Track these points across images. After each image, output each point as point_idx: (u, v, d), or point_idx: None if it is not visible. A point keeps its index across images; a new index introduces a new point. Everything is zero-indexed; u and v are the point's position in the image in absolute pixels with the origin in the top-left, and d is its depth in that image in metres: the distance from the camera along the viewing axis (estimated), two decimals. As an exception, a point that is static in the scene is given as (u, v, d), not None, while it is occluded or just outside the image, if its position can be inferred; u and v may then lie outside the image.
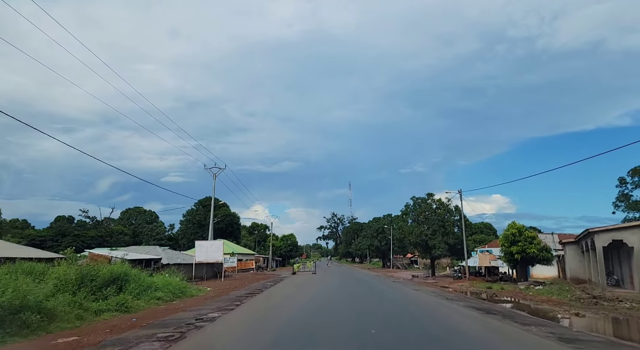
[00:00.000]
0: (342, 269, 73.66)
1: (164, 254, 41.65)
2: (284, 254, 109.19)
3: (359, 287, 28.23)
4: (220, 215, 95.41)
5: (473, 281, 39.10)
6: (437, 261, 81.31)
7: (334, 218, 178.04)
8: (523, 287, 31.86)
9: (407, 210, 54.19)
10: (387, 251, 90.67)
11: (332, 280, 34.65)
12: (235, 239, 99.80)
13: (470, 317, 13.82)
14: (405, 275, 56.69)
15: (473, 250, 51.65)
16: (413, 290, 25.74)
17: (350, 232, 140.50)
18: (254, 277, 45.17)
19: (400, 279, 42.39)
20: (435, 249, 49.04)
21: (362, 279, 39.92)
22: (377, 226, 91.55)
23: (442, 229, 50.00)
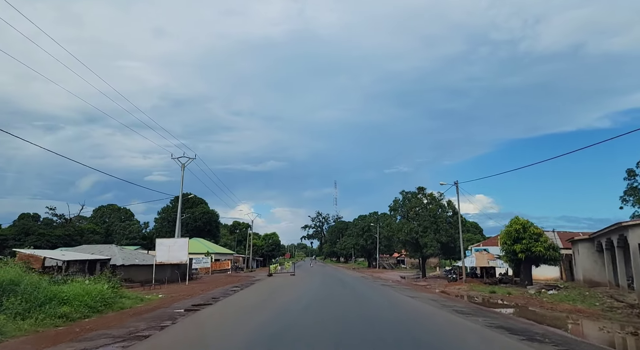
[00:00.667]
0: (325, 269, 68.53)
1: (121, 253, 35.83)
2: (265, 254, 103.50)
3: (343, 293, 23.09)
4: (198, 212, 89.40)
5: (471, 284, 34.36)
6: (426, 261, 76.86)
7: (318, 217, 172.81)
8: (533, 291, 27.09)
9: (395, 205, 49.35)
10: (373, 250, 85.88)
11: (311, 284, 29.41)
12: (214, 237, 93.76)
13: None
14: (393, 276, 51.75)
15: (467, 250, 47.06)
16: (410, 298, 20.67)
17: (335, 231, 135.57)
18: (225, 279, 39.67)
19: (389, 281, 37.48)
20: (427, 247, 44.26)
21: (347, 281, 34.87)
22: (362, 224, 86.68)
23: (434, 225, 45.27)
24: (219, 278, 41.93)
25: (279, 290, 24.86)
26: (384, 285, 30.84)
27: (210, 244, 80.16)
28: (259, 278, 38.48)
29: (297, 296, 20.76)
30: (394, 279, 45.64)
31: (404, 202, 48.98)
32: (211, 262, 59.44)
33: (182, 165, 43.36)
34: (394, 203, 49.50)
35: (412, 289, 28.06)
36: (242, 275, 45.21)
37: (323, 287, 27.91)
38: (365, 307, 16.29)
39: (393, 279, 44.05)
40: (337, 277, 40.53)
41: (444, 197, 47.95)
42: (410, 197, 48.41)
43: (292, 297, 20.62)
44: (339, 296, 21.10)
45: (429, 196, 48.01)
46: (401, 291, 24.98)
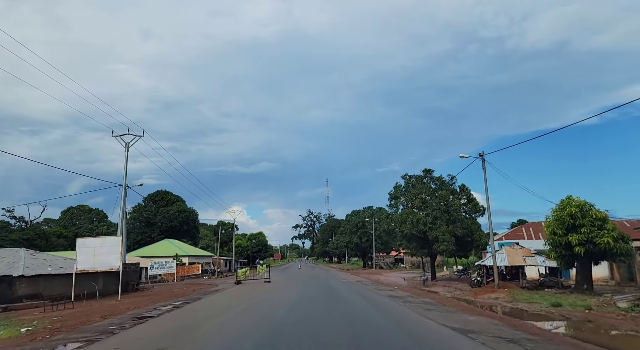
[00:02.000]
0: (314, 271, 58.48)
1: (30, 260, 25.48)
2: (251, 255, 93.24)
3: (331, 316, 13.25)
4: (173, 211, 78.93)
5: (507, 289, 24.66)
6: (427, 259, 67.18)
7: (310, 216, 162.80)
8: (626, 304, 17.40)
9: (397, 192, 39.50)
10: (368, 248, 75.95)
11: (284, 300, 19.34)
12: (192, 238, 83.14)
13: None
14: (395, 279, 41.85)
15: (487, 244, 37.34)
16: (451, 331, 10.80)
17: (327, 229, 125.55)
18: (179, 289, 29.45)
19: (394, 287, 27.67)
20: (439, 242, 34.46)
21: (338, 290, 24.92)
22: (356, 220, 76.79)
23: (445, 215, 35.58)
24: (173, 288, 31.69)
25: (225, 313, 14.78)
26: (393, 296, 20.83)
27: (186, 245, 69.83)
28: (222, 287, 28.28)
29: (245, 330, 10.84)
30: (398, 283, 35.77)
31: (407, 189, 39.22)
32: (178, 267, 49.29)
33: (126, 145, 33.14)
34: (395, 190, 39.71)
35: (437, 302, 18.07)
36: (206, 283, 34.96)
37: (302, 300, 17.96)
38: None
39: (397, 284, 34.15)
40: (326, 283, 30.39)
41: (456, 181, 38.31)
42: (415, 182, 38.66)
43: (233, 332, 10.65)
44: (325, 318, 11.17)
45: (438, 180, 38.31)
46: (427, 310, 15.05)
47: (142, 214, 76.39)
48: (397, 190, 39.66)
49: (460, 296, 22.96)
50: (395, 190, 39.77)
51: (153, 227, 76.85)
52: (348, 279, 37.86)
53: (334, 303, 17.38)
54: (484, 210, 36.67)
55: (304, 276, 40.51)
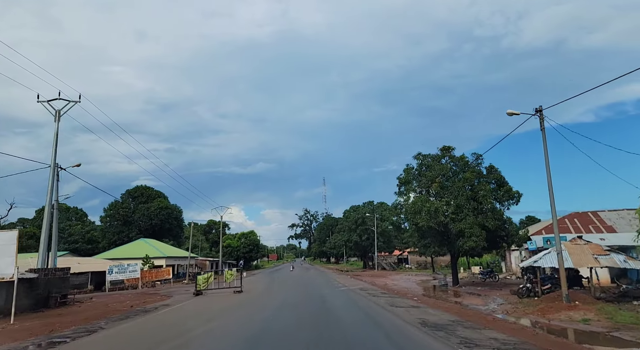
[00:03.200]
0: (309, 274, 50.00)
1: None
2: (242, 256, 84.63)
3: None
4: (154, 208, 70.33)
5: (584, 303, 16.45)
6: (435, 259, 58.92)
7: (306, 215, 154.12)
8: None
9: (407, 176, 31.16)
10: (369, 248, 67.51)
11: (246, 327, 11.05)
12: (176, 238, 74.56)
13: None
14: (405, 283, 33.48)
15: (525, 239, 28.96)
16: None
17: (324, 228, 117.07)
18: (117, 304, 20.98)
19: (412, 297, 19.29)
20: (465, 237, 26.18)
21: (336, 305, 16.45)
22: (355, 216, 68.34)
23: (472, 203, 27.36)
24: (115, 300, 23.12)
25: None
26: (431, 326, 12.37)
27: (165, 246, 61.21)
28: (171, 302, 19.71)
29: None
30: (412, 289, 27.36)
31: (421, 171, 30.92)
32: (145, 271, 40.84)
33: (57, 113, 24.75)
34: (406, 173, 31.37)
35: (526, 341, 9.68)
36: (163, 293, 26.30)
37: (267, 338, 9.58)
38: None
39: (412, 291, 25.73)
40: (319, 296, 20.98)
41: (482, 161, 30.02)
42: (431, 163, 30.38)
43: None
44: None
45: (460, 160, 30.02)
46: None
47: (118, 211, 67.78)
48: (408, 173, 31.26)
49: (520, 313, 14.69)
50: (406, 173, 31.36)
51: (131, 226, 68.22)
52: (348, 284, 29.44)
53: (331, 333, 9.09)
54: (519, 198, 28.38)
55: (293, 282, 32.05)
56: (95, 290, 37.24)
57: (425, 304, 17.13)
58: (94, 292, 35.67)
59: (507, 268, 40.78)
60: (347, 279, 36.70)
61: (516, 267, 38.61)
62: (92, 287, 37.61)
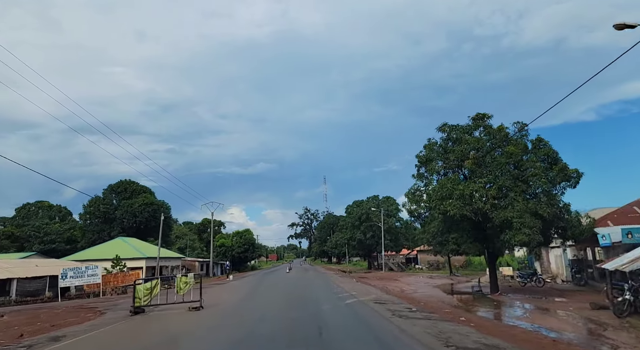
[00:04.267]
0: (307, 276, 42.74)
1: None
2: (237, 256, 77.44)
3: None
4: (138, 204, 63.23)
5: None
6: (449, 258, 51.72)
7: (307, 213, 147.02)
8: None
9: (430, 153, 23.94)
10: (374, 246, 60.31)
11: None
12: (163, 237, 67.45)
13: None
14: (425, 289, 26.26)
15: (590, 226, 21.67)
16: None
17: (325, 227, 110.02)
18: (6, 332, 13.96)
19: (458, 318, 12.29)
20: (513, 229, 19.11)
21: (339, 335, 9.76)
22: (359, 212, 61.15)
23: (520, 186, 20.34)
24: (19, 321, 16.01)
25: None
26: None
27: (147, 245, 54.20)
28: (78, 331, 12.51)
29: None
30: (442, 299, 20.23)
31: (447, 147, 23.77)
32: (109, 275, 33.84)
33: None
34: (427, 150, 24.02)
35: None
36: (97, 309, 18.94)
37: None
38: None
39: (441, 301, 18.59)
40: (315, 314, 13.72)
41: (527, 132, 22.86)
42: (461, 135, 23.25)
43: None
44: None
45: (499, 131, 22.89)
46: None
47: (98, 208, 60.73)
48: (430, 149, 23.97)
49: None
50: (428, 150, 24.08)
51: (113, 224, 61.14)
52: (355, 292, 22.18)
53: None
54: (578, 179, 21.24)
55: (284, 289, 24.73)
56: (59, 297, 30.71)
57: (492, 333, 9.97)
58: (54, 300, 29.13)
59: (544, 269, 33.59)
60: (353, 284, 29.51)
61: (557, 268, 31.43)
62: (50, 294, 30.68)
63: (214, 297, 20.56)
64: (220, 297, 20.73)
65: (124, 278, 32.50)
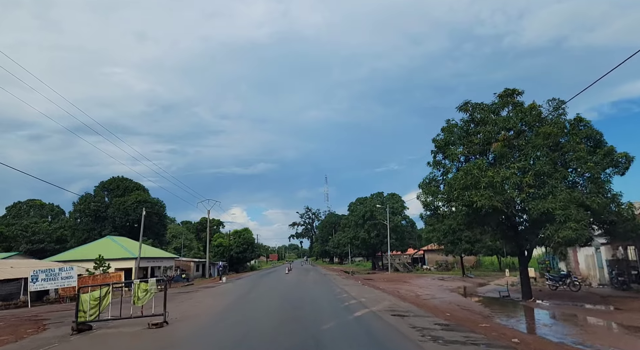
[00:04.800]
0: (307, 278, 39.16)
1: None
2: (235, 256, 73.99)
3: None
4: (130, 202, 59.85)
5: None
6: (461, 258, 48.11)
7: (308, 213, 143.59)
8: None
9: (449, 136, 20.29)
10: (378, 245, 56.74)
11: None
12: (157, 237, 64.04)
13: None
14: (443, 294, 22.54)
15: None
16: None
17: (326, 226, 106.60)
18: None
19: (510, 339, 9.08)
20: (556, 223, 15.64)
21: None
22: (362, 210, 57.63)
23: (561, 171, 16.85)
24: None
25: None
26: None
27: (137, 245, 50.89)
28: None
29: None
30: (469, 307, 16.64)
31: (469, 129, 20.19)
32: (86, 277, 30.43)
33: None
34: (446, 133, 20.29)
35: None
36: (48, 320, 15.53)
37: None
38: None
39: (474, 312, 15.06)
40: (312, 336, 10.57)
41: (565, 110, 19.21)
42: (487, 115, 19.66)
43: None
44: None
45: (531, 110, 19.33)
46: None
47: (89, 205, 57.32)
48: (449, 132, 20.44)
49: None
50: (447, 132, 20.48)
51: (104, 223, 57.70)
52: (364, 299, 18.64)
53: None
54: (628, 164, 17.68)
55: (278, 296, 20.95)
56: (38, 301, 27.55)
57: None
58: (35, 304, 26.07)
59: (572, 270, 29.96)
60: (359, 287, 25.97)
61: (589, 269, 27.79)
62: (24, 298, 27.35)
63: (193, 307, 17.09)
64: (200, 305, 17.24)
65: (104, 280, 28.98)
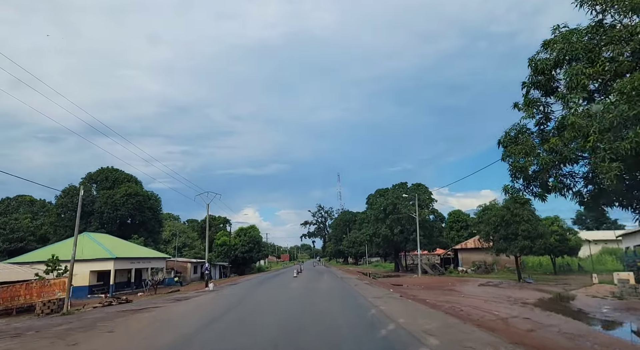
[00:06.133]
0: (320, 284, 30.45)
1: None
2: (241, 256, 65.77)
3: None
4: (120, 194, 52.20)
5: None
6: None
7: (320, 211, 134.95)
8: None
9: (566, 50, 11.48)
10: (402, 243, 47.87)
11: None
12: (151, 234, 56.11)
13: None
14: (539, 315, 13.59)
15: None
16: None
17: (340, 224, 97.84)
18: None
19: None
20: None
21: None
22: (384, 203, 48.86)
23: None
24: None
25: None
26: None
27: (121, 242, 43.02)
28: None
29: None
30: (596, 340, 8.15)
31: (600, 41, 11.52)
32: (15, 285, 22.38)
33: None
34: (561, 43, 11.56)
35: None
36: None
37: None
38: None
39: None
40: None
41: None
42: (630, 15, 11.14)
43: None
44: None
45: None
46: None
47: (73, 199, 49.80)
48: (567, 41, 11.74)
49: None
50: (563, 43, 11.81)
51: (90, 218, 50.15)
52: (431, 335, 10.15)
53: None
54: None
55: (270, 324, 12.61)
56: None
57: None
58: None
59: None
60: (399, 302, 17.21)
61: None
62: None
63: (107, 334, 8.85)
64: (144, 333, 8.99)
65: (41, 289, 20.86)
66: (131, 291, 36.23)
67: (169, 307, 16.07)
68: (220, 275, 56.82)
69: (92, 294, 33.63)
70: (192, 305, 16.75)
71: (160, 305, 17.16)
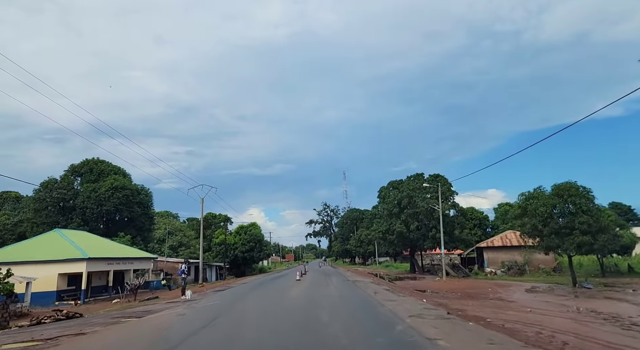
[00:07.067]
0: (329, 289, 24.76)
1: None
2: (241, 256, 60.17)
3: None
4: (105, 188, 46.70)
5: None
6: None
7: (326, 210, 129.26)
8: None
9: None
10: (419, 241, 41.99)
11: None
12: (141, 232, 50.54)
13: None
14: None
15: None
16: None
17: (347, 223, 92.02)
18: None
19: None
20: None
21: None
22: (398, 196, 42.99)
23: None
24: None
25: None
26: None
27: (99, 240, 37.65)
28: None
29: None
30: None
31: None
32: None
33: None
34: None
35: None
36: None
37: None
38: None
39: None
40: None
41: None
42: None
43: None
44: None
45: None
46: None
47: (53, 193, 44.53)
48: None
49: None
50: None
51: (71, 214, 44.82)
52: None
53: None
54: None
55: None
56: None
57: None
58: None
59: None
60: (450, 326, 11.58)
61: None
62: None
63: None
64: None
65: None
66: (109, 297, 30.93)
67: (90, 336, 10.38)
68: (217, 277, 51.34)
69: (60, 300, 28.42)
70: (127, 332, 11.05)
71: (84, 331, 11.46)
